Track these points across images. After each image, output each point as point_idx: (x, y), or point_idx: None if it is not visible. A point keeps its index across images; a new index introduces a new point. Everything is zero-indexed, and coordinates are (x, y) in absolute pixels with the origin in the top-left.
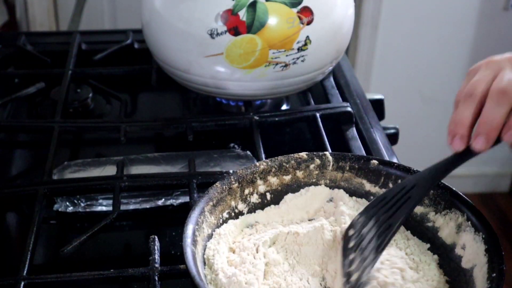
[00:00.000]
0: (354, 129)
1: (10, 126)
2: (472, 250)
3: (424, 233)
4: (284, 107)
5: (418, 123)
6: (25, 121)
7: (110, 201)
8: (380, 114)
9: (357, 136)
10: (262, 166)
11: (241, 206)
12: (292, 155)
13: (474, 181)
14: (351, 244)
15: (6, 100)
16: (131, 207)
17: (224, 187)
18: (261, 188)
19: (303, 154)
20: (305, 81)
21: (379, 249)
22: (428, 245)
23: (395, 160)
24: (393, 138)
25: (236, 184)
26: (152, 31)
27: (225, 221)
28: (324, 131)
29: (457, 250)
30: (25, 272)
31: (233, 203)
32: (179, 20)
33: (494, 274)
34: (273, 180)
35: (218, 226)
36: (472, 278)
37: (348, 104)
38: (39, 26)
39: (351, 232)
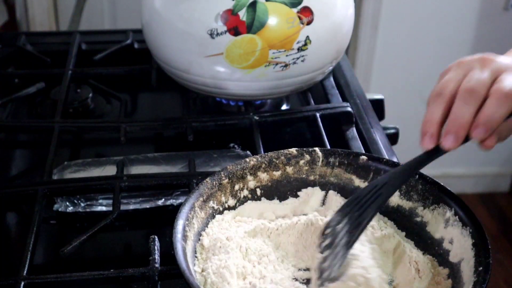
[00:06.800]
0: (354, 129)
1: (10, 126)
2: (459, 244)
3: (413, 228)
4: (284, 107)
5: (418, 123)
6: (25, 121)
7: (110, 201)
8: (380, 114)
9: (357, 136)
10: (252, 162)
11: (232, 202)
12: (282, 151)
13: (474, 181)
14: (326, 242)
15: (6, 100)
16: (131, 207)
17: (214, 182)
18: (251, 183)
19: (293, 150)
20: (305, 81)
21: (349, 245)
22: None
23: (395, 160)
24: (393, 138)
25: (227, 180)
26: (152, 31)
27: (215, 217)
28: (324, 131)
29: (444, 244)
30: (25, 272)
31: (223, 199)
32: (179, 20)
33: (481, 268)
34: (263, 176)
35: (208, 222)
36: (459, 272)
37: (348, 104)
38: (39, 26)
39: (327, 230)
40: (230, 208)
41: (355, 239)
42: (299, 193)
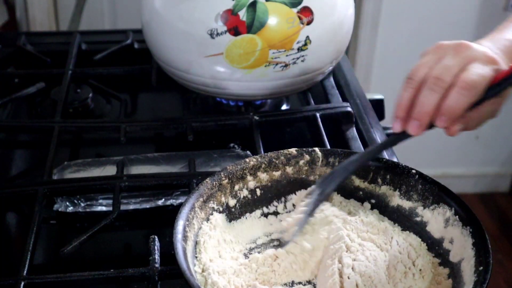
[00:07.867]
0: (354, 129)
1: (10, 126)
2: (459, 244)
3: (413, 227)
4: (284, 107)
5: None
6: (25, 121)
7: (110, 201)
8: (380, 114)
9: (357, 136)
10: (252, 162)
11: (232, 202)
12: (281, 151)
13: (474, 181)
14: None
15: (6, 100)
16: (131, 207)
17: (214, 183)
18: (251, 184)
19: (293, 150)
20: (305, 81)
21: (310, 214)
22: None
23: (395, 160)
24: None
25: (226, 180)
26: (152, 31)
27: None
28: (324, 131)
29: (445, 244)
30: (25, 272)
31: (223, 199)
32: (179, 20)
33: (481, 268)
34: (263, 176)
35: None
36: (460, 271)
37: (348, 104)
38: (39, 26)
39: (308, 196)
40: (230, 208)
41: (315, 208)
42: (299, 193)
